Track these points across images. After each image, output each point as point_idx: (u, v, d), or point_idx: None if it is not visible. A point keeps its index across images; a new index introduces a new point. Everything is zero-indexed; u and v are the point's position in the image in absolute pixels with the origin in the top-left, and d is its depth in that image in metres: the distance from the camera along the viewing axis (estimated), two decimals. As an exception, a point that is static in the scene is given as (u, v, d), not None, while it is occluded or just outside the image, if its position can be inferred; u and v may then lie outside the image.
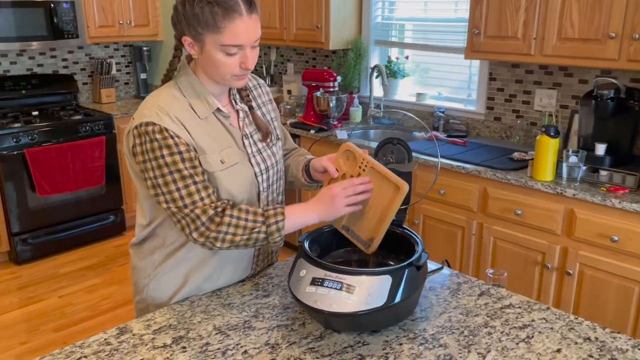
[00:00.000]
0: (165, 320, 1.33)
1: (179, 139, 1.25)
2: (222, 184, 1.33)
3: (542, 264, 2.47)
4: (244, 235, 1.28)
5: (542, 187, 2.38)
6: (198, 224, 1.26)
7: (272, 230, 1.28)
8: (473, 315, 1.35)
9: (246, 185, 1.37)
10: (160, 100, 1.29)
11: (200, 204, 1.26)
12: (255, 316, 1.35)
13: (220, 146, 1.33)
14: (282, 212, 1.30)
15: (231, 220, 1.27)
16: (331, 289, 1.20)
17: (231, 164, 1.34)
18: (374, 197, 1.33)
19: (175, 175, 1.25)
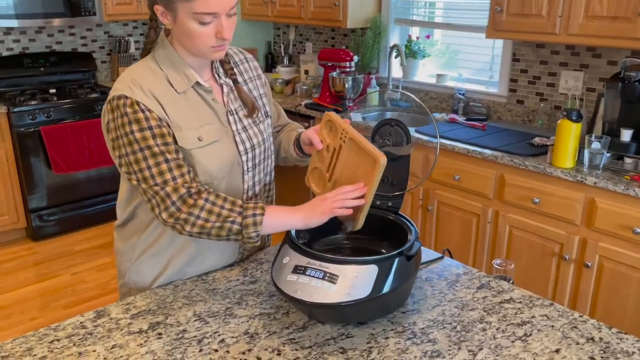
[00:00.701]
0: (145, 304, 1.29)
1: (151, 114, 1.19)
2: (199, 162, 1.26)
3: (559, 255, 2.35)
4: (216, 222, 1.21)
5: (561, 175, 2.26)
6: (168, 203, 1.20)
7: (248, 222, 1.21)
8: (469, 309, 1.26)
9: (226, 164, 1.30)
10: (135, 73, 1.23)
11: (172, 183, 1.20)
12: (238, 303, 1.29)
13: (198, 122, 1.27)
14: (263, 207, 1.23)
15: (205, 204, 1.21)
16: (313, 278, 1.13)
17: (210, 141, 1.27)
18: (355, 170, 1.24)
19: (146, 152, 1.19)
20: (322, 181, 1.35)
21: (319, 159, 1.37)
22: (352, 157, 1.26)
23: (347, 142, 1.27)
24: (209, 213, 1.20)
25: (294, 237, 1.25)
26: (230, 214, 1.21)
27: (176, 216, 1.20)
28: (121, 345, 1.14)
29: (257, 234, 1.22)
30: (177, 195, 1.20)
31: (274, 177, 1.52)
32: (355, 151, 1.24)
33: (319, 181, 1.37)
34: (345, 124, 1.28)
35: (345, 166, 1.28)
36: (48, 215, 3.73)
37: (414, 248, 1.21)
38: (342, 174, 1.29)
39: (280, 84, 3.98)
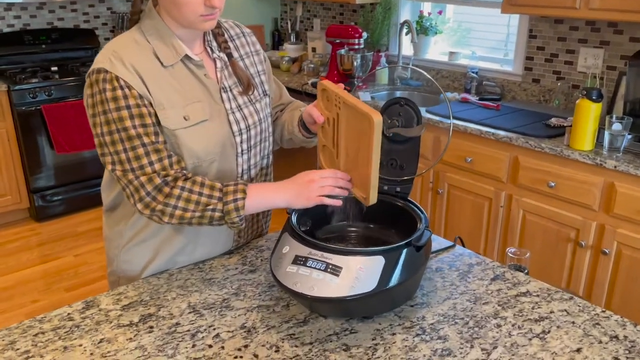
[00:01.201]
0: (137, 295, 1.21)
1: (130, 91, 1.10)
2: (185, 144, 1.17)
3: (575, 242, 2.26)
4: (195, 211, 1.13)
5: (579, 157, 2.15)
6: (142, 193, 1.12)
7: (229, 209, 1.13)
8: (482, 302, 1.18)
9: (216, 146, 1.21)
10: (117, 45, 1.13)
11: (148, 169, 1.11)
12: (236, 294, 1.21)
13: (185, 100, 1.17)
14: (244, 189, 1.15)
15: (181, 193, 1.12)
16: (314, 270, 1.05)
17: (197, 120, 1.18)
18: (358, 138, 1.15)
19: (122, 134, 1.10)
20: (332, 157, 1.27)
21: (324, 135, 1.28)
22: (350, 124, 1.16)
23: (343, 109, 1.17)
24: (186, 202, 1.12)
25: (294, 224, 1.16)
26: (209, 201, 1.13)
27: (152, 207, 1.12)
28: (109, 339, 1.07)
29: (241, 219, 1.15)
30: (152, 185, 1.11)
31: (272, 160, 1.43)
32: (353, 116, 1.15)
33: (330, 160, 1.29)
34: (337, 88, 1.19)
35: (348, 136, 1.18)
36: (51, 196, 3.68)
37: (423, 238, 1.12)
38: (347, 146, 1.20)
39: (287, 62, 3.86)
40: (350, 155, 1.20)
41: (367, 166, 1.13)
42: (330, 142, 1.25)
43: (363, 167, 1.16)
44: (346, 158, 1.22)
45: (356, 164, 1.19)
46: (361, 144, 1.15)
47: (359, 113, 1.11)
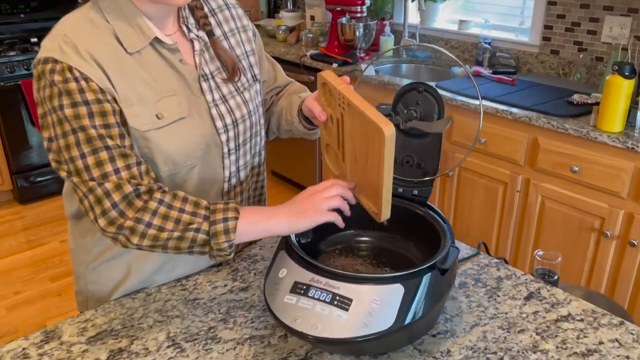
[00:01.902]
0: (107, 321, 1.02)
1: (88, 84, 0.89)
2: (159, 148, 0.97)
3: (599, 231, 2.07)
4: (174, 231, 0.91)
5: (607, 140, 1.94)
6: (107, 205, 0.90)
7: (217, 230, 0.92)
8: (517, 330, 0.99)
9: (197, 148, 1.01)
10: (68, 27, 0.91)
11: (113, 177, 0.90)
12: (224, 320, 1.02)
13: (157, 94, 0.96)
14: (236, 208, 0.94)
15: (158, 208, 0.91)
16: (317, 302, 0.86)
17: (173, 119, 0.97)
18: (366, 143, 0.94)
19: (80, 135, 0.89)
20: (339, 160, 1.06)
21: (328, 133, 1.07)
22: (357, 128, 0.96)
23: (347, 109, 0.96)
24: (163, 219, 0.91)
25: (292, 240, 0.96)
26: (193, 219, 0.92)
27: (119, 223, 0.90)
28: (69, 385, 0.88)
29: (230, 245, 0.93)
30: (120, 194, 0.90)
31: (264, 157, 1.22)
32: (360, 121, 0.94)
33: (335, 160, 1.08)
34: (341, 84, 0.97)
35: (355, 140, 0.98)
36: (35, 177, 3.47)
37: (449, 258, 0.92)
38: (355, 150, 0.99)
39: (284, 32, 3.61)
40: (359, 161, 0.99)
41: (378, 178, 0.93)
42: (335, 142, 1.04)
43: (373, 177, 0.96)
44: (354, 163, 1.01)
45: (365, 172, 0.98)
46: (370, 150, 0.94)
47: (367, 121, 0.90)
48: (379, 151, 0.90)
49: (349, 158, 1.02)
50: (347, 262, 1.04)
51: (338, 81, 0.98)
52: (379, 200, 0.96)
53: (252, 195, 1.22)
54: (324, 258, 1.05)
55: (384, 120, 0.88)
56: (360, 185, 1.02)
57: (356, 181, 1.03)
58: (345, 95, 0.94)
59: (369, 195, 1.01)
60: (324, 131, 1.08)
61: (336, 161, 1.08)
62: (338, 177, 1.09)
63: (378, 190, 0.95)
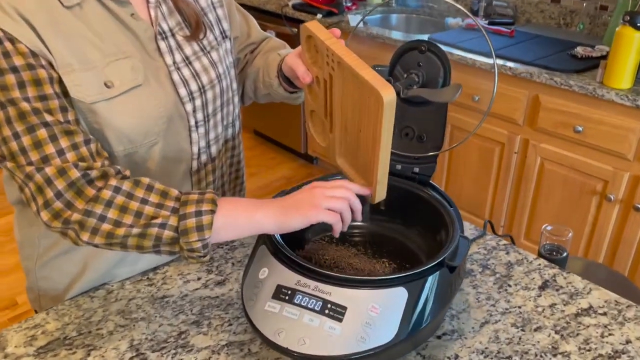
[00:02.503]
0: (60, 327, 0.88)
1: (15, 46, 0.71)
2: (110, 124, 0.80)
3: (602, 195, 1.95)
4: (133, 226, 0.75)
5: (615, 97, 1.79)
6: (49, 195, 0.73)
7: (188, 226, 0.75)
8: (533, 328, 0.87)
9: (158, 122, 0.84)
10: None
11: (57, 160, 0.74)
12: (197, 322, 0.88)
13: (105, 57, 0.79)
14: (213, 198, 0.77)
15: (115, 197, 0.75)
16: (305, 311, 0.72)
17: (126, 87, 0.80)
18: (359, 110, 0.79)
19: (10, 110, 0.72)
20: (325, 130, 0.90)
21: (313, 98, 0.91)
22: (348, 92, 0.80)
23: (337, 69, 0.80)
24: (121, 211, 0.75)
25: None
26: (158, 212, 0.75)
27: (65, 217, 0.74)
28: (12, 412, 0.74)
29: (205, 244, 0.76)
30: (65, 181, 0.73)
31: (239, 128, 1.05)
32: (352, 83, 0.78)
33: (322, 130, 0.92)
34: (330, 38, 0.80)
35: (346, 106, 0.82)
36: None
37: (459, 253, 0.78)
38: (344, 118, 0.84)
39: (264, -21, 3.35)
40: (349, 131, 0.84)
41: (372, 154, 0.78)
42: (322, 108, 0.88)
43: (366, 151, 0.81)
44: (344, 134, 0.86)
45: (357, 145, 0.83)
46: (364, 120, 0.78)
47: (362, 83, 0.74)
48: (375, 121, 0.74)
49: (338, 128, 0.86)
50: (338, 254, 0.89)
51: (326, 34, 0.81)
52: (372, 178, 0.81)
53: (228, 173, 1.07)
54: (312, 248, 0.91)
55: (382, 82, 0.72)
56: (351, 159, 0.87)
57: (346, 155, 0.88)
58: (334, 52, 0.78)
59: (360, 171, 0.85)
60: (309, 95, 0.91)
61: (323, 131, 0.92)
62: (324, 150, 0.93)
63: (372, 167, 0.80)
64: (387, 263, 0.89)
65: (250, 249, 1.05)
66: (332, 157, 0.91)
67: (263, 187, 3.09)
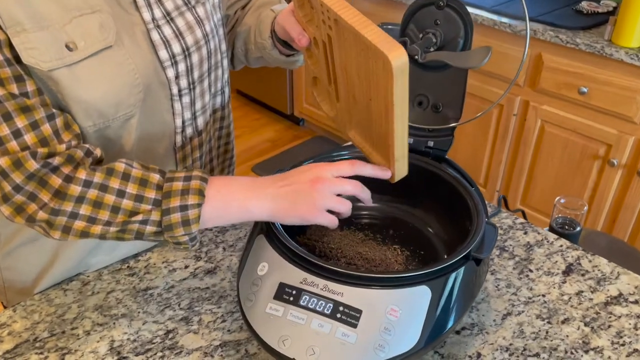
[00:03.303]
0: (29, 327, 0.77)
1: None
2: (74, 94, 0.67)
3: (604, 159, 1.87)
4: (111, 224, 0.64)
5: (624, 57, 1.69)
6: (7, 189, 0.62)
7: (173, 222, 0.64)
8: (560, 320, 0.79)
9: (133, 92, 0.71)
10: None
11: (12, 144, 0.62)
12: (186, 319, 0.78)
13: (66, 12, 0.65)
14: (201, 188, 0.66)
15: (86, 192, 0.64)
16: (314, 315, 0.62)
17: (94, 49, 0.67)
18: (366, 75, 0.67)
19: None
20: (332, 98, 0.79)
21: (313, 62, 0.78)
22: (351, 55, 0.67)
23: (335, 28, 0.67)
24: (95, 207, 0.64)
25: (274, 219, 0.71)
26: (137, 207, 0.64)
27: (30, 213, 0.63)
28: None
29: (193, 238, 0.67)
30: (24, 173, 0.62)
31: (229, 96, 0.93)
32: (353, 43, 0.65)
33: (328, 98, 0.80)
34: None
35: (350, 71, 0.70)
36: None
37: (487, 244, 0.69)
38: (350, 85, 0.72)
39: None
40: (359, 99, 0.72)
41: (387, 126, 0.67)
42: (325, 74, 0.76)
43: (380, 124, 0.69)
44: (352, 103, 0.74)
45: (369, 116, 0.71)
46: (373, 88, 0.67)
47: (364, 45, 0.62)
48: (386, 89, 0.63)
49: (345, 96, 0.74)
50: (344, 241, 0.79)
51: None
52: (389, 154, 0.70)
53: (216, 147, 0.95)
54: (314, 234, 0.80)
55: (389, 43, 0.59)
56: (364, 131, 0.75)
57: (358, 126, 0.76)
58: (329, 7, 0.65)
59: (376, 145, 0.74)
60: (309, 60, 0.79)
61: (329, 100, 0.80)
62: (333, 121, 0.82)
63: (388, 141, 0.69)
64: (399, 250, 0.79)
65: (244, 231, 0.94)
66: (342, 129, 0.80)
67: (247, 151, 2.96)
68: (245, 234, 0.94)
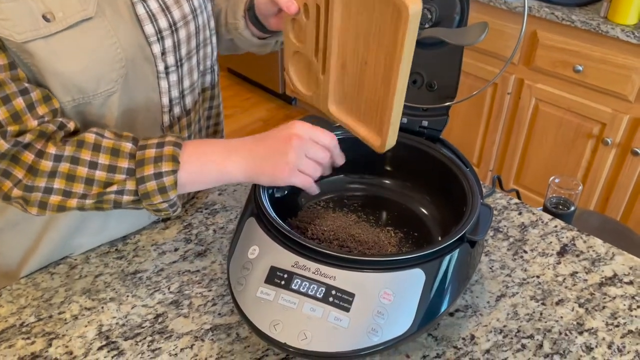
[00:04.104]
0: (15, 312, 0.75)
1: None
2: (51, 68, 0.64)
3: (598, 138, 1.86)
4: (86, 196, 0.64)
5: (620, 34, 1.67)
6: None
7: (148, 190, 0.64)
8: (554, 301, 0.78)
9: (115, 67, 0.68)
10: None
11: None
12: (176, 303, 0.77)
13: None
14: (174, 154, 0.65)
15: (57, 166, 0.63)
16: (305, 299, 0.61)
17: (73, 21, 0.64)
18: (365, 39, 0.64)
19: None
20: (312, 74, 0.76)
21: (296, 35, 0.75)
22: (352, 13, 0.64)
23: None
24: (68, 181, 0.63)
25: (263, 200, 0.69)
26: (111, 178, 0.64)
27: (5, 190, 0.63)
28: (-41, 421, 0.63)
29: (172, 204, 0.67)
30: None
31: (218, 75, 0.90)
32: (356, 1, 0.63)
33: (306, 74, 0.77)
34: None
35: (346, 34, 0.67)
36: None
37: (482, 225, 0.67)
38: (343, 51, 0.69)
39: None
40: (349, 67, 0.69)
41: (384, 89, 0.64)
42: (311, 46, 0.73)
43: (373, 90, 0.67)
44: (341, 74, 0.71)
45: (360, 83, 0.68)
46: (372, 48, 0.64)
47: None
48: (393, 43, 0.60)
49: (334, 66, 0.71)
50: (337, 223, 0.78)
51: None
52: (381, 120, 0.67)
53: (205, 127, 0.92)
54: (306, 216, 0.79)
55: None
56: (349, 104, 0.72)
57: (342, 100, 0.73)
58: None
59: (362, 117, 0.71)
60: (291, 32, 0.75)
61: (308, 76, 0.77)
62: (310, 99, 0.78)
63: (382, 107, 0.66)
64: (392, 232, 0.78)
65: (234, 214, 0.93)
66: (322, 105, 0.76)
67: (238, 131, 2.93)
68: (236, 216, 0.92)
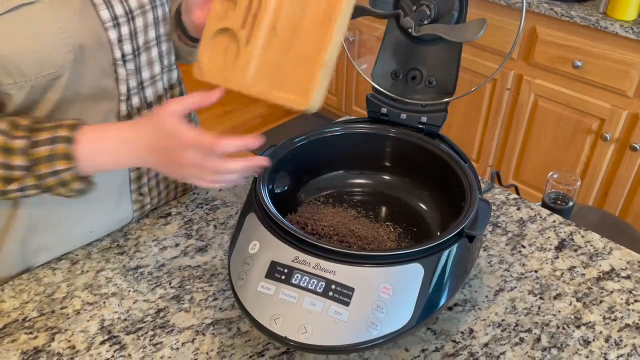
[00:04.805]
0: (17, 307, 0.76)
1: None
2: None
3: (597, 134, 1.87)
4: None
5: (619, 30, 1.67)
6: None
7: (51, 184, 0.66)
8: (552, 295, 0.79)
9: (61, 52, 0.67)
10: None
11: None
12: (177, 298, 0.78)
13: None
14: (66, 151, 0.64)
15: None
16: (306, 293, 0.61)
17: (12, 5, 0.62)
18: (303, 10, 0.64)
19: None
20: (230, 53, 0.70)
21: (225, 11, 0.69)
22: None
23: None
24: None
25: (264, 195, 0.70)
26: (10, 174, 0.64)
27: None
28: (-37, 414, 0.64)
29: (83, 189, 0.69)
30: None
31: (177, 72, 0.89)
32: None
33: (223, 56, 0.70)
34: None
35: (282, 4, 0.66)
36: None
37: (480, 220, 0.68)
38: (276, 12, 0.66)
39: None
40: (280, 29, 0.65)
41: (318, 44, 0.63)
42: (241, 15, 0.68)
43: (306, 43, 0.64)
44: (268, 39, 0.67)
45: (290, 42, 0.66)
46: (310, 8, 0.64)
47: None
48: None
49: (264, 32, 0.67)
50: (337, 218, 0.78)
51: None
52: (311, 76, 0.64)
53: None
54: (306, 212, 0.80)
55: None
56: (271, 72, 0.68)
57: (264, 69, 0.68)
58: None
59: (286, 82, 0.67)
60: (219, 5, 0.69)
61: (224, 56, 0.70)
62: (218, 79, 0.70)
63: (311, 62, 0.64)
64: (391, 227, 0.79)
65: (235, 209, 0.93)
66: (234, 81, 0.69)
67: (238, 126, 2.94)
68: (237, 212, 0.93)
